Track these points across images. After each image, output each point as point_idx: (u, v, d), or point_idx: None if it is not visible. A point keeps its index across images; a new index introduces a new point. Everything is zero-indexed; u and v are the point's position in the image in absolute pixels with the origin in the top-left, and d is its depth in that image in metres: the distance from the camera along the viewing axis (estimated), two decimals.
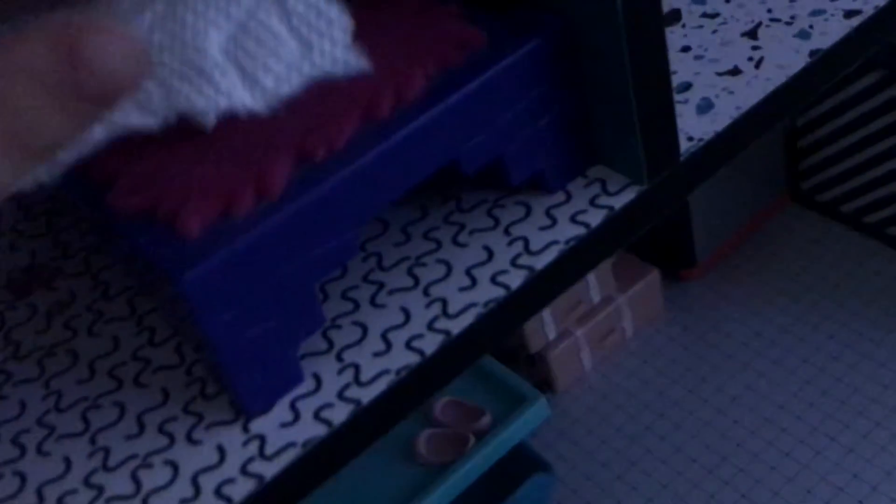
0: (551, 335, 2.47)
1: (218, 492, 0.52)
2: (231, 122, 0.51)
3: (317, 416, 0.54)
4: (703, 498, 2.25)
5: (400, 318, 0.59)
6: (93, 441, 0.57)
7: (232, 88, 0.48)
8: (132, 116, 0.48)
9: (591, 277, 2.50)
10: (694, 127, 0.63)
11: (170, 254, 0.50)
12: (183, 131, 0.52)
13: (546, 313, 2.42)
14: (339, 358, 0.57)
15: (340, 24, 0.49)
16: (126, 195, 0.52)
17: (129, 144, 0.54)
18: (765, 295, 2.67)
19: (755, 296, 2.67)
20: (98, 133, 0.48)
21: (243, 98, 0.49)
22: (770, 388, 2.44)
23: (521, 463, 2.00)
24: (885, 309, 2.52)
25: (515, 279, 0.59)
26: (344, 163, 0.53)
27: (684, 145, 0.62)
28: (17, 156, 0.37)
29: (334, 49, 0.50)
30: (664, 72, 0.58)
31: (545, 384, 2.58)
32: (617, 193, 0.61)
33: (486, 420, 1.94)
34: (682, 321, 2.66)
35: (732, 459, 2.31)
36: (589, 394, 2.56)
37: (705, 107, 0.65)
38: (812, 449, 2.29)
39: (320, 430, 0.53)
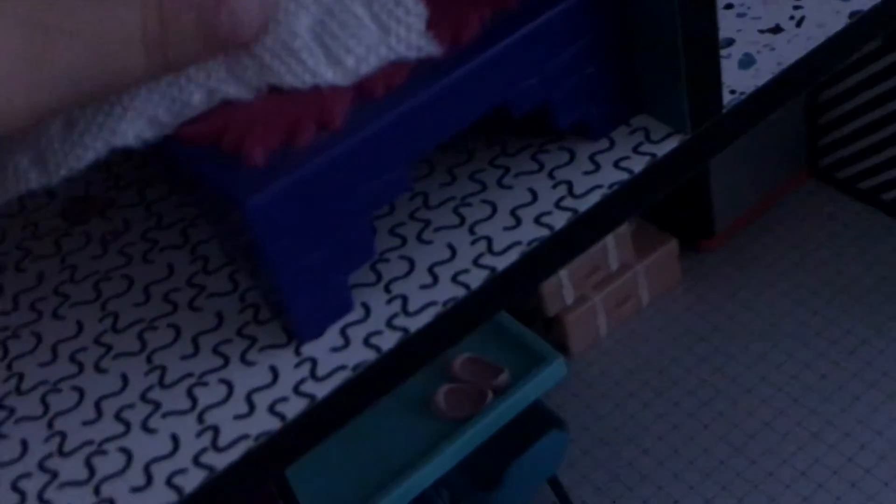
0: (569, 300, 2.49)
1: (272, 409, 0.55)
2: None
3: (366, 342, 0.57)
4: (714, 463, 2.28)
5: (446, 254, 0.61)
6: (149, 360, 0.59)
7: (317, 66, 0.52)
8: (230, 87, 0.52)
9: (611, 244, 2.51)
10: (736, 81, 0.65)
11: (234, 180, 0.52)
12: None
13: (564, 278, 2.45)
14: (387, 289, 0.59)
15: (417, 12, 0.53)
16: (190, 123, 0.54)
17: None
18: (781, 268, 2.68)
19: (771, 268, 2.69)
20: (198, 101, 0.52)
21: (326, 75, 0.53)
22: (783, 359, 2.46)
23: (538, 420, 2.03)
24: None
25: (559, 220, 0.61)
26: (401, 100, 0.55)
27: (726, 98, 0.64)
28: (158, 62, 0.44)
29: (410, 35, 0.54)
30: (712, 26, 0.60)
31: (561, 348, 2.60)
32: (660, 141, 0.63)
33: (504, 377, 1.96)
34: (698, 291, 2.68)
35: (744, 427, 2.34)
36: (603, 359, 2.58)
37: (747, 62, 0.66)
38: (822, 418, 2.31)
39: (369, 355, 0.56)
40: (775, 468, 2.24)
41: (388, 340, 0.57)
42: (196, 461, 0.53)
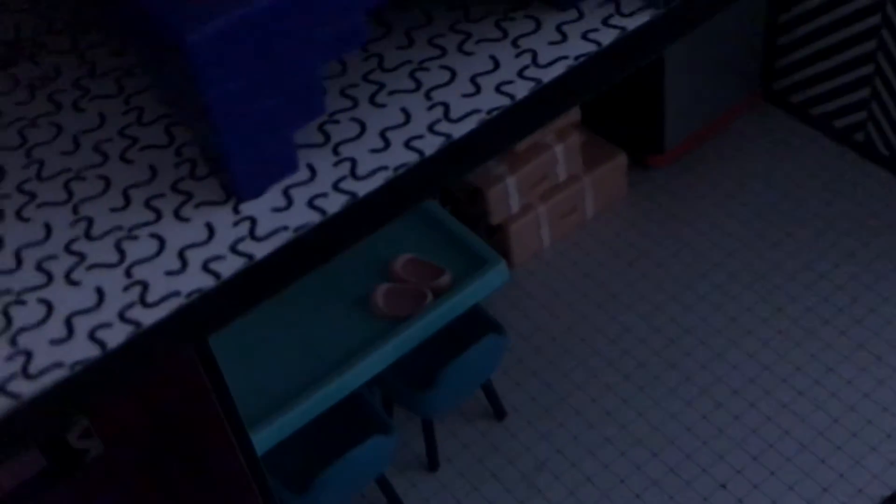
0: (514, 208, 2.47)
1: (206, 266, 0.51)
2: None
3: (310, 204, 0.53)
4: (648, 378, 2.29)
5: (400, 119, 0.57)
6: (75, 210, 0.56)
7: None
8: None
9: (560, 154, 2.49)
10: None
11: (175, 16, 0.48)
12: None
13: (511, 186, 2.42)
14: (335, 151, 0.56)
15: None
16: None
17: None
18: (728, 189, 2.67)
19: (718, 188, 2.67)
20: None
21: None
22: (724, 279, 2.46)
23: (476, 324, 2.01)
24: (845, 211, 2.54)
25: (521, 90, 0.57)
26: None
27: None
28: None
29: None
30: None
31: (503, 256, 2.58)
32: (632, 14, 0.59)
33: (445, 278, 1.94)
34: (644, 207, 2.66)
35: (680, 343, 2.34)
36: (545, 269, 2.57)
37: None
38: (759, 340, 2.33)
39: (313, 218, 0.53)
40: (709, 385, 2.26)
41: (334, 203, 0.53)
42: (122, 316, 0.50)
